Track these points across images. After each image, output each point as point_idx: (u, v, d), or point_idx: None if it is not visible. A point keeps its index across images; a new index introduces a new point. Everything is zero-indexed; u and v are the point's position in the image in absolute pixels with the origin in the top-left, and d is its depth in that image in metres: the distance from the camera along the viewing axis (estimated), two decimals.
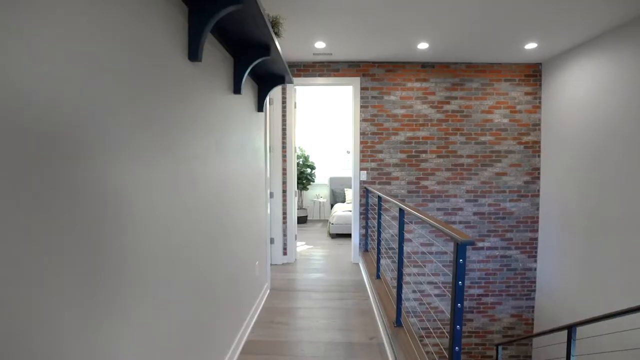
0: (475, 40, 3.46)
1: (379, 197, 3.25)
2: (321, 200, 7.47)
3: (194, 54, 1.49)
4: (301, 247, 5.12)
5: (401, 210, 2.22)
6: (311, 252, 4.87)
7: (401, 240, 2.23)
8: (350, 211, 5.77)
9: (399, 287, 2.25)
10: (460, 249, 1.20)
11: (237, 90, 2.19)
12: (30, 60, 0.70)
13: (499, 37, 3.36)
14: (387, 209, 4.25)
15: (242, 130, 2.43)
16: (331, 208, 7.29)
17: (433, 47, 3.67)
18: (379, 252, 3.23)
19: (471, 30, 3.20)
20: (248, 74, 2.55)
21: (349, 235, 5.65)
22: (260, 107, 2.93)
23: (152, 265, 1.19)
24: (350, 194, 6.92)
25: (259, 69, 2.56)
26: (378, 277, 3.22)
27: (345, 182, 7.47)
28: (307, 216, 7.29)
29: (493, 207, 4.31)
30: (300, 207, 7.20)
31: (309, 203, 7.69)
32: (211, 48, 1.80)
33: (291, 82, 2.98)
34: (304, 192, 7.47)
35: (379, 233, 3.25)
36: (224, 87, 2.02)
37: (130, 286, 1.06)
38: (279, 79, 2.89)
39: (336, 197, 7.37)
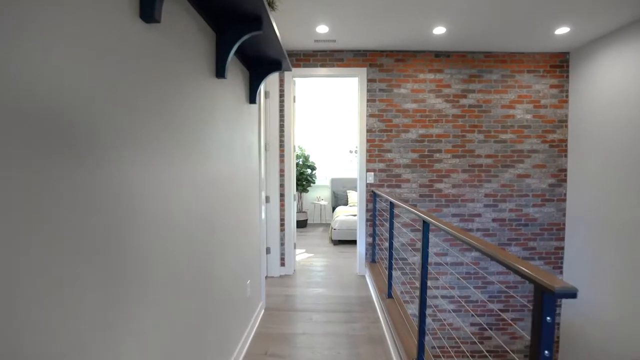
0: (500, 23, 3.02)
1: (391, 203, 2.81)
2: (322, 203, 7.03)
3: (147, 9, 1.05)
4: (301, 255, 4.68)
5: (425, 224, 1.78)
6: (312, 261, 4.42)
7: (425, 260, 1.79)
8: (354, 215, 5.34)
9: (422, 319, 1.81)
10: (549, 300, 0.76)
11: (220, 73, 1.75)
12: None
13: (528, 19, 2.92)
14: (397, 214, 3.81)
15: (230, 123, 1.99)
16: (333, 211, 6.86)
17: (451, 33, 3.23)
18: (390, 267, 2.79)
19: (499, 10, 2.75)
20: (236, 55, 2.11)
21: (352, 242, 5.22)
22: (252, 98, 2.49)
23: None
24: (353, 196, 6.49)
25: (250, 49, 2.12)
26: (390, 295, 2.78)
27: (348, 184, 7.03)
28: (307, 220, 6.86)
29: (514, 213, 3.87)
30: (299, 210, 6.77)
31: (309, 206, 7.25)
32: (180, 12, 1.36)
33: (289, 69, 2.54)
34: (303, 194, 7.03)
35: (391, 245, 2.81)
36: (202, 68, 1.58)
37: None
38: (274, 65, 2.45)
39: (338, 199, 6.93)
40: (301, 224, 6.63)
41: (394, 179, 3.82)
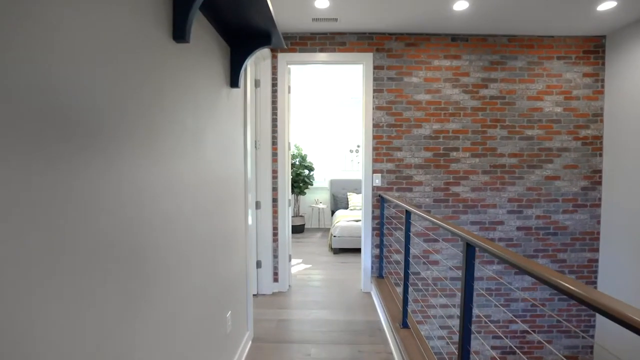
0: None
1: (407, 212, 2.30)
2: (320, 206, 6.51)
3: None
4: (297, 266, 4.17)
5: (470, 247, 1.27)
6: (309, 274, 3.91)
7: (469, 299, 1.28)
8: (356, 221, 4.85)
9: None
10: None
11: (180, 33, 1.24)
12: None
13: None
14: (411, 223, 3.30)
15: (198, 109, 1.48)
16: (332, 215, 6.35)
17: (473, 7, 2.73)
18: (406, 291, 2.28)
19: None
20: (209, 19, 1.59)
21: (354, 251, 4.73)
22: (234, 81, 1.98)
23: None
24: (354, 199, 5.98)
25: (229, 13, 1.60)
26: (405, 325, 2.27)
27: (348, 185, 6.52)
28: (304, 224, 6.34)
29: (542, 220, 3.37)
30: (296, 215, 6.25)
31: (307, 209, 6.73)
32: None
33: (281, 45, 2.03)
34: (300, 197, 6.51)
35: (407, 263, 2.30)
36: (149, 21, 1.07)
37: None
38: (262, 39, 1.94)
39: (338, 202, 6.42)
40: (298, 229, 6.11)
41: (405, 182, 3.31)
